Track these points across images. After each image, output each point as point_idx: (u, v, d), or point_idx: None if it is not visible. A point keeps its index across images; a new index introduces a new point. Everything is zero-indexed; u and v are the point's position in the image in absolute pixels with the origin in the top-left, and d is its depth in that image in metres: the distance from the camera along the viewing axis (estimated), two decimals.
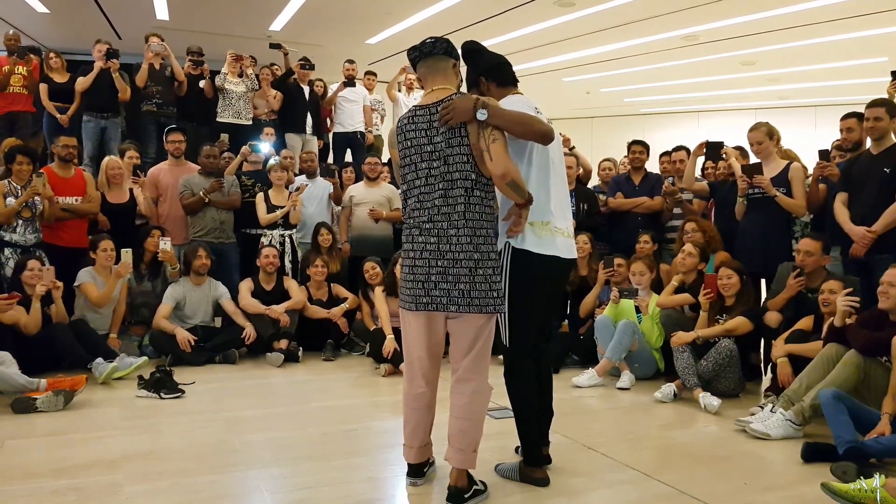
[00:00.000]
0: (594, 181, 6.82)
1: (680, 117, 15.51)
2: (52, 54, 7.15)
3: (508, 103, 2.79)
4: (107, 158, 5.98)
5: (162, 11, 8.87)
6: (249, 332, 5.34)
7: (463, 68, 3.01)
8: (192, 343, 5.17)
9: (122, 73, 7.00)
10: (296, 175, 6.81)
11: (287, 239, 6.13)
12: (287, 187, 6.23)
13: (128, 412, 4.03)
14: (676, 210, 5.81)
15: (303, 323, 5.67)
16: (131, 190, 5.96)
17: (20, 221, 5.15)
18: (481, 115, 2.56)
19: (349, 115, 8.40)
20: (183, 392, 4.35)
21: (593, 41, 9.91)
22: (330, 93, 8.47)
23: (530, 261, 2.80)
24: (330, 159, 8.44)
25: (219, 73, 7.40)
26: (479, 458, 2.84)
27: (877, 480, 2.67)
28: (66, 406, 3.99)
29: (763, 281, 5.00)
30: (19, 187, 5.17)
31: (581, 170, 6.20)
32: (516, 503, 2.79)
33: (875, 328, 3.56)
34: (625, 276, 5.14)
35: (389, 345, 4.94)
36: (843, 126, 4.83)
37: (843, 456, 3.05)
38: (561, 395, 4.39)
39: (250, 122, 7.51)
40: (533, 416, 2.97)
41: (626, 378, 4.71)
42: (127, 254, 5.22)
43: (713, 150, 5.27)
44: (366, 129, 8.53)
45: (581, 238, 5.48)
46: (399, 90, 8.97)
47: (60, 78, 7.07)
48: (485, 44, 3.08)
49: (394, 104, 8.98)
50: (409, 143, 2.72)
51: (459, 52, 2.89)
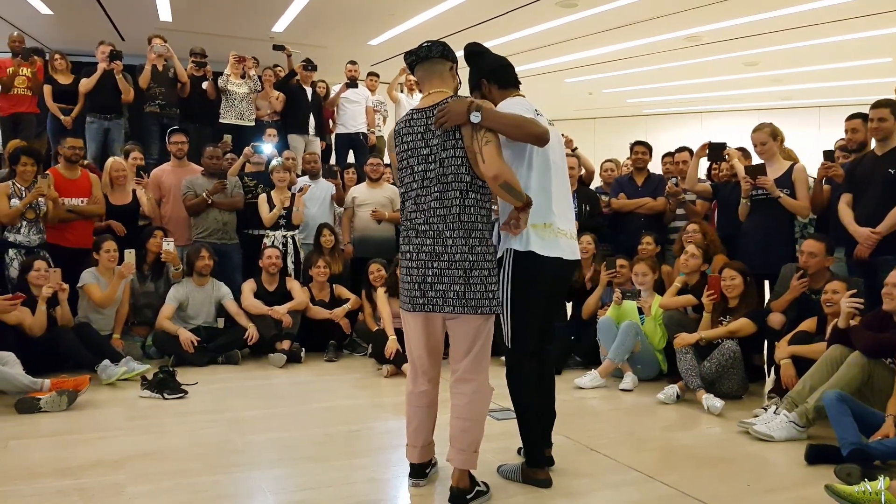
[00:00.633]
0: (597, 182, 6.81)
1: (683, 118, 15.50)
2: (56, 56, 7.17)
3: (507, 106, 2.80)
4: (110, 160, 5.99)
5: (165, 13, 8.89)
6: (252, 332, 5.35)
7: (466, 70, 3.02)
8: (195, 344, 5.18)
9: (126, 75, 7.01)
10: (298, 176, 6.81)
11: (289, 240, 6.13)
12: (289, 188, 6.23)
13: (131, 412, 4.04)
14: (679, 211, 5.80)
15: (305, 324, 5.67)
16: (134, 191, 5.97)
17: (24, 222, 5.16)
18: (475, 117, 2.58)
19: (352, 116, 8.42)
20: (186, 392, 4.36)
21: (596, 42, 9.90)
22: (332, 94, 8.49)
23: (534, 263, 2.80)
24: (332, 160, 8.45)
25: (221, 74, 7.41)
26: (482, 460, 2.85)
27: (881, 482, 2.66)
28: (69, 406, 3.99)
29: (766, 282, 4.99)
30: (23, 188, 5.19)
31: (583, 171, 6.20)
32: None
33: (879, 329, 3.55)
34: (627, 277, 5.14)
35: (392, 346, 4.94)
36: (847, 127, 4.83)
37: (847, 458, 3.04)
38: (563, 396, 4.39)
39: (253, 124, 7.52)
40: (534, 417, 2.97)
41: (629, 379, 4.71)
42: (130, 254, 5.23)
43: (716, 150, 5.26)
44: (368, 130, 8.54)
45: (585, 238, 5.47)
46: (401, 91, 8.98)
47: (65, 79, 7.09)
48: (487, 45, 3.09)
49: (396, 105, 8.98)
50: (405, 147, 2.74)
51: (462, 53, 2.89)
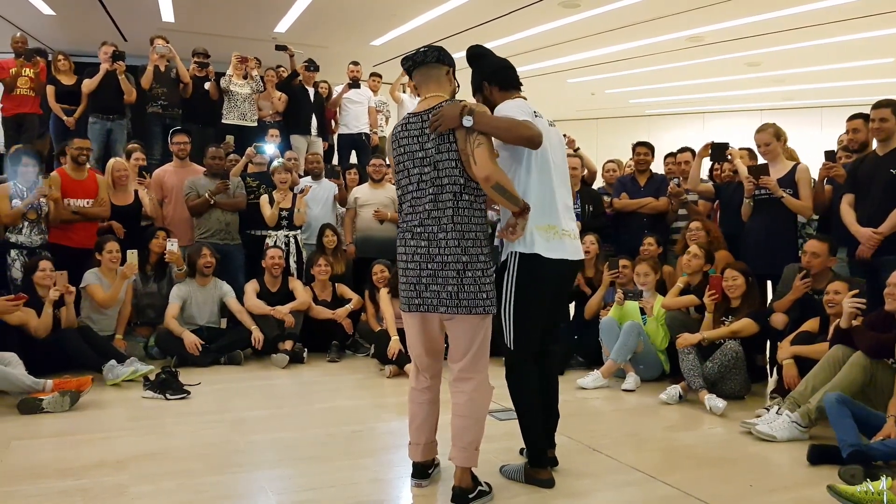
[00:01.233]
0: (599, 182, 6.81)
1: (685, 118, 15.49)
2: (60, 56, 7.19)
3: (504, 108, 2.83)
4: (112, 160, 6.00)
5: (167, 13, 8.90)
6: (257, 336, 5.35)
7: (469, 72, 3.04)
8: (200, 347, 5.16)
9: (128, 75, 7.02)
10: (301, 176, 6.82)
11: (292, 240, 6.13)
12: (291, 189, 6.24)
13: (133, 413, 4.04)
14: (681, 211, 5.79)
15: (307, 324, 5.67)
16: (136, 192, 5.97)
17: (25, 223, 5.17)
18: (467, 121, 2.62)
19: (354, 116, 8.42)
20: (188, 393, 4.36)
21: (598, 42, 9.90)
22: (335, 94, 8.49)
23: (539, 265, 2.81)
24: (335, 161, 8.46)
25: (224, 74, 7.42)
26: (485, 460, 2.86)
27: (883, 483, 2.66)
28: (72, 407, 4.00)
29: (769, 282, 4.99)
30: (25, 189, 5.19)
31: (586, 171, 6.19)
32: None
33: (882, 330, 3.55)
34: (630, 277, 5.13)
35: (394, 346, 4.93)
36: (849, 127, 4.83)
37: (847, 460, 3.04)
38: (566, 396, 4.39)
39: (255, 124, 7.53)
40: (535, 417, 2.97)
41: (632, 380, 4.71)
42: (132, 255, 5.23)
43: (718, 151, 5.26)
44: (371, 130, 8.55)
45: (588, 238, 5.47)
46: (403, 91, 8.99)
47: (68, 80, 7.10)
48: (490, 45, 3.10)
49: (398, 105, 8.99)
50: (402, 150, 2.79)
51: (464, 56, 2.90)
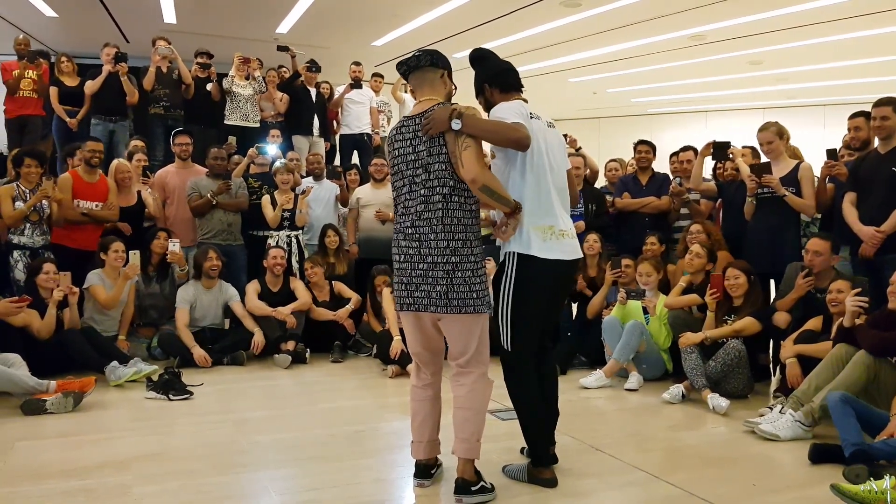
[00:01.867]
0: (601, 182, 6.80)
1: (687, 117, 15.47)
2: (63, 58, 7.20)
3: (498, 109, 2.86)
4: (115, 161, 6.01)
5: (169, 14, 8.92)
6: (258, 340, 5.35)
7: (470, 73, 3.06)
8: (210, 363, 5.14)
9: (130, 77, 7.04)
10: (303, 177, 6.82)
11: (293, 240, 6.14)
12: (293, 189, 6.24)
13: (137, 413, 4.05)
14: (683, 210, 5.78)
15: (309, 324, 5.68)
16: (139, 192, 5.99)
17: (28, 224, 5.19)
18: (455, 124, 2.66)
19: (356, 116, 8.42)
20: (191, 393, 4.37)
21: (600, 41, 9.89)
22: (336, 95, 8.50)
23: (535, 265, 2.83)
24: (337, 161, 8.47)
25: (226, 75, 7.43)
26: (487, 460, 2.89)
27: (887, 482, 2.65)
28: (75, 408, 4.01)
29: (772, 281, 4.98)
30: (28, 191, 5.21)
31: (588, 170, 6.19)
32: None
33: (885, 328, 3.54)
34: (632, 276, 5.13)
35: (397, 346, 4.94)
36: (850, 125, 4.82)
37: (849, 459, 3.03)
38: (568, 396, 4.41)
39: (258, 125, 7.54)
40: (536, 417, 2.98)
41: (634, 379, 4.70)
42: (135, 255, 5.24)
43: (720, 149, 5.25)
44: (372, 130, 8.54)
45: (591, 237, 5.48)
46: (405, 91, 8.99)
47: (71, 82, 7.12)
48: (491, 45, 3.12)
49: (400, 105, 8.99)
50: (396, 153, 2.85)
51: (467, 57, 2.92)
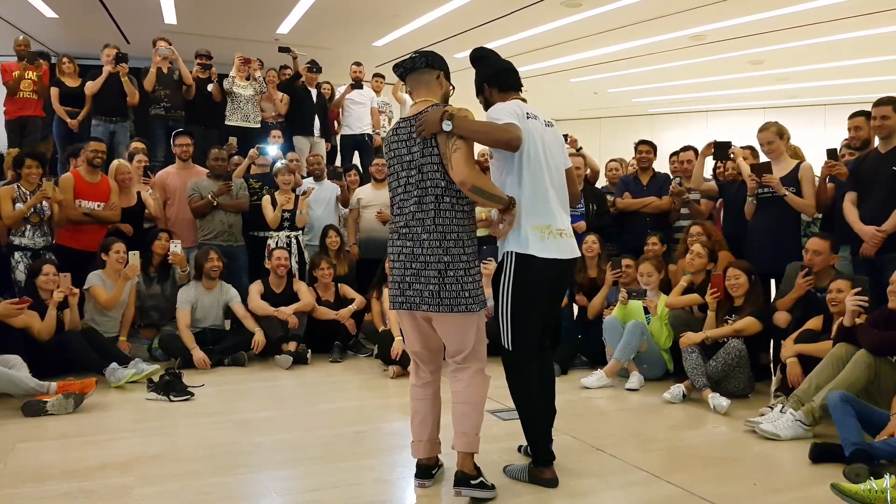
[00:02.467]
0: (602, 182, 6.80)
1: (688, 117, 15.47)
2: (64, 59, 7.21)
3: (493, 110, 2.89)
4: (115, 162, 6.01)
5: (170, 15, 8.92)
6: (258, 340, 5.35)
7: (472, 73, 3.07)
8: (208, 365, 5.15)
9: (131, 78, 7.04)
10: (303, 178, 6.83)
11: (293, 240, 6.14)
12: (294, 190, 6.24)
13: (137, 415, 4.05)
14: (684, 210, 5.78)
15: (311, 325, 5.68)
16: (139, 193, 5.99)
17: (28, 226, 5.19)
18: (446, 126, 2.69)
19: (357, 117, 8.43)
20: (192, 394, 4.37)
21: (600, 41, 9.89)
22: (337, 95, 8.50)
23: (533, 264, 2.85)
24: (338, 162, 8.47)
25: (227, 76, 7.43)
26: (488, 461, 2.91)
27: (887, 481, 2.65)
28: (76, 409, 4.01)
29: (773, 281, 4.98)
30: (28, 192, 5.21)
31: (589, 170, 6.19)
32: None
33: (885, 328, 3.54)
34: (633, 277, 5.13)
35: (398, 346, 4.94)
36: (850, 125, 4.81)
37: (850, 458, 3.03)
38: (569, 396, 4.42)
39: (258, 126, 7.54)
40: (537, 417, 2.98)
41: (635, 379, 4.70)
42: (134, 256, 5.25)
43: (721, 149, 5.25)
44: (373, 131, 8.54)
45: (589, 238, 5.47)
46: (406, 92, 8.98)
47: (72, 82, 7.13)
48: (492, 45, 3.13)
49: (401, 106, 8.99)
50: (392, 154, 2.90)
51: (468, 58, 2.92)
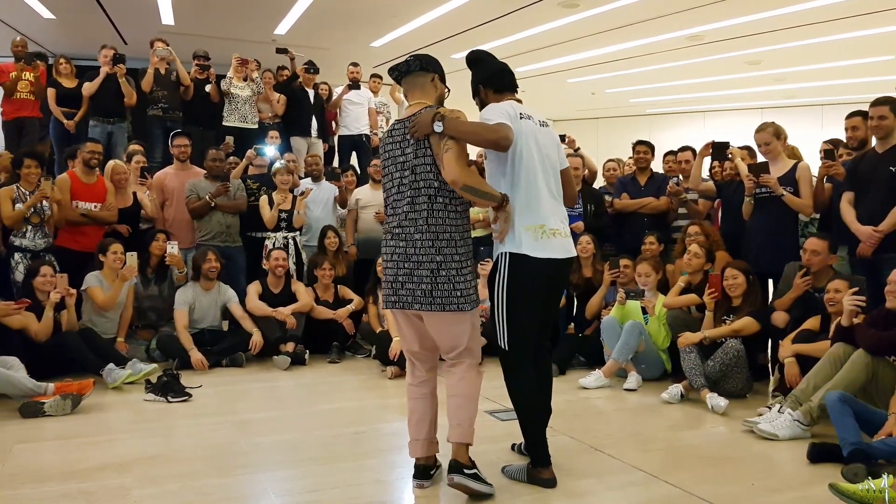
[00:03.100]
0: (600, 182, 6.81)
1: (686, 117, 15.48)
2: (61, 60, 7.20)
3: (485, 111, 2.92)
4: (111, 162, 6.00)
5: (167, 16, 8.91)
6: (256, 340, 5.35)
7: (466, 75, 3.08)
8: (206, 366, 5.14)
9: (129, 78, 7.03)
10: (301, 178, 6.82)
11: (290, 241, 6.14)
12: (291, 191, 6.24)
13: (136, 416, 4.05)
14: (682, 210, 5.79)
15: (309, 325, 5.67)
16: (135, 194, 5.98)
17: (29, 227, 5.18)
18: (437, 127, 2.73)
19: (354, 117, 8.42)
20: (190, 395, 4.37)
21: (598, 42, 9.90)
22: (335, 96, 8.49)
23: (527, 264, 2.86)
24: (335, 162, 8.46)
25: (224, 77, 7.42)
26: (487, 461, 2.93)
27: (885, 481, 2.66)
28: (73, 410, 4.00)
29: (770, 281, 4.98)
30: (28, 192, 5.20)
31: (586, 171, 6.20)
32: None
33: (883, 327, 3.54)
34: (631, 277, 5.13)
35: (396, 347, 4.94)
36: (848, 125, 4.82)
37: (848, 458, 3.03)
38: (567, 396, 4.42)
39: (256, 126, 7.52)
40: (535, 417, 2.99)
41: (633, 379, 4.71)
42: (131, 257, 5.24)
43: (719, 150, 5.26)
44: (371, 131, 8.54)
45: (584, 239, 5.48)
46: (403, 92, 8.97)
47: (69, 83, 7.12)
48: (489, 46, 3.13)
49: (398, 106, 8.99)
50: (387, 156, 2.95)
51: (464, 59, 2.94)
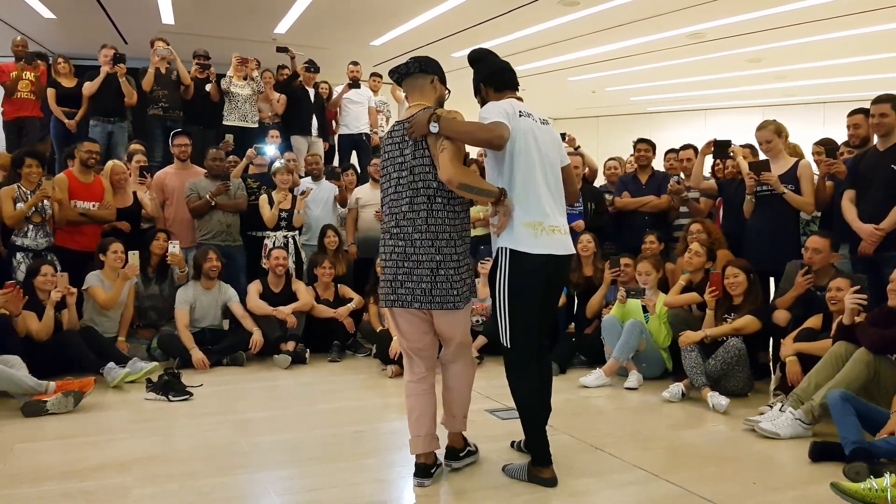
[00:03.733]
0: (600, 181, 6.80)
1: (687, 116, 15.46)
2: (60, 59, 7.21)
3: (484, 110, 2.93)
4: (111, 162, 5.99)
5: (167, 15, 8.91)
6: (256, 339, 5.35)
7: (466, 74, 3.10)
8: (207, 365, 5.14)
9: (129, 78, 7.04)
10: (301, 177, 6.82)
11: (290, 240, 6.13)
12: (291, 190, 6.24)
13: (136, 415, 4.05)
14: (683, 209, 5.78)
15: (309, 324, 5.67)
16: (135, 193, 5.98)
17: (31, 226, 5.18)
18: (433, 127, 2.77)
19: (354, 116, 8.42)
20: (191, 394, 4.37)
21: (598, 40, 9.88)
22: (335, 95, 8.49)
23: (525, 260, 2.86)
24: (336, 161, 8.46)
25: (225, 76, 7.42)
26: (487, 459, 2.99)
27: (887, 479, 2.65)
28: (76, 406, 4.01)
29: (772, 279, 4.97)
30: (28, 192, 5.20)
31: (587, 169, 6.19)
32: (523, 503, 2.79)
33: (884, 326, 3.54)
34: (632, 275, 5.12)
35: (396, 346, 4.93)
36: (849, 122, 4.82)
37: (850, 457, 3.03)
38: (568, 395, 4.42)
39: (256, 125, 7.53)
40: (537, 415, 2.98)
41: (634, 378, 4.70)
42: (133, 255, 5.25)
43: (721, 148, 5.25)
44: (371, 130, 8.54)
45: (585, 237, 5.47)
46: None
47: (68, 83, 7.12)
48: (489, 44, 3.14)
49: (399, 105, 8.98)
50: (386, 156, 3.00)
51: (465, 58, 2.95)
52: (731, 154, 5.29)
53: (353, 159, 8.42)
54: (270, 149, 7.00)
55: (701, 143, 5.43)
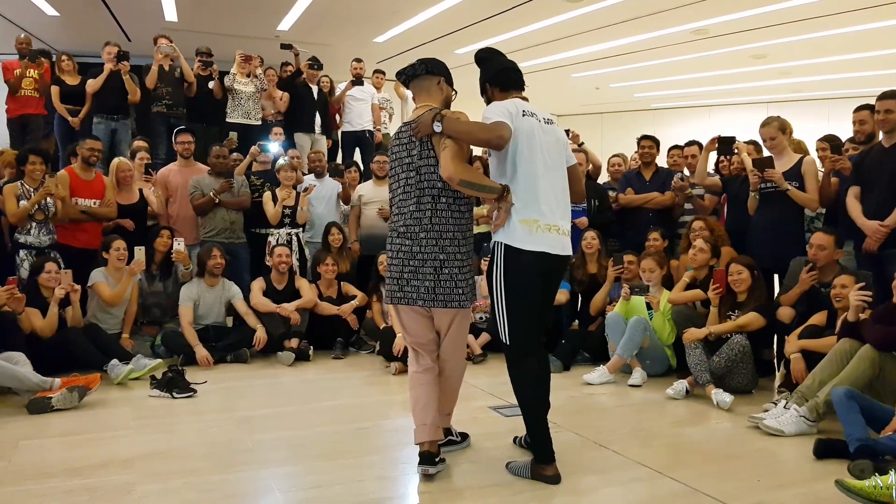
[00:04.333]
0: (604, 177, 6.78)
1: (691, 112, 15.41)
2: (63, 57, 7.22)
3: (487, 110, 2.95)
4: (116, 160, 6.00)
5: (170, 13, 8.91)
6: (260, 336, 5.35)
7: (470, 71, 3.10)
8: (211, 363, 5.14)
9: (132, 75, 7.05)
10: (305, 174, 6.82)
11: (294, 237, 6.14)
12: (295, 187, 6.24)
13: (140, 412, 4.05)
14: (687, 206, 5.77)
15: (312, 321, 5.68)
16: (140, 190, 5.99)
17: (34, 223, 5.19)
18: (436, 127, 2.83)
19: (357, 113, 8.42)
20: (195, 391, 4.37)
21: (602, 36, 9.86)
22: (337, 90, 8.49)
23: (519, 257, 2.87)
24: (339, 158, 8.46)
25: (228, 73, 7.42)
26: (490, 457, 3.02)
27: (892, 477, 2.64)
28: (80, 402, 4.01)
29: (776, 276, 4.96)
30: (32, 189, 5.21)
31: (590, 166, 6.18)
32: (526, 501, 2.78)
33: (889, 323, 3.52)
34: (635, 272, 5.12)
35: (400, 343, 4.94)
36: (855, 118, 4.80)
37: (855, 454, 3.02)
38: (572, 392, 4.42)
39: (259, 123, 7.53)
40: (538, 412, 2.98)
41: (638, 375, 4.70)
42: (140, 252, 5.26)
43: (725, 144, 5.24)
44: (374, 127, 8.54)
45: (589, 234, 5.46)
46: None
47: (72, 80, 7.13)
48: (492, 41, 3.15)
49: (402, 102, 8.97)
50: (394, 157, 3.07)
51: (471, 54, 2.97)
52: (736, 150, 5.28)
53: (357, 156, 8.42)
54: (274, 146, 7.00)
55: (705, 140, 5.42)
